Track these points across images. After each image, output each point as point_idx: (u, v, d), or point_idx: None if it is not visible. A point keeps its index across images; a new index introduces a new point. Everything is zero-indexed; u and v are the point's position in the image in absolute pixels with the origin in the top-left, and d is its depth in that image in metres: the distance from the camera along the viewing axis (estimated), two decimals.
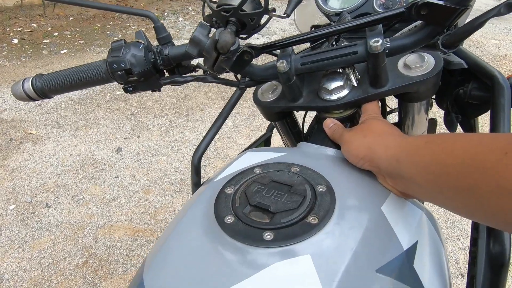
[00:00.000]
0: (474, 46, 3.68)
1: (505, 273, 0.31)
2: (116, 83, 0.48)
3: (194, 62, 0.52)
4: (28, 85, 0.48)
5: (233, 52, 0.38)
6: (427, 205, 1.39)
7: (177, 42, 0.48)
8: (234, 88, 0.52)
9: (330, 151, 0.41)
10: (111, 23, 4.11)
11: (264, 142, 0.69)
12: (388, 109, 0.61)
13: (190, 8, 4.87)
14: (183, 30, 4.06)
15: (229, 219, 0.31)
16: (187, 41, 0.40)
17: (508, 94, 0.34)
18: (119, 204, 1.74)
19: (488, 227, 0.31)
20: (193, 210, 0.35)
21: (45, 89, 0.48)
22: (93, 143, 2.16)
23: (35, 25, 3.69)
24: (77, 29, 3.79)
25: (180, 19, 4.40)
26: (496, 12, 0.31)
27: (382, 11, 0.49)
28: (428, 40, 0.36)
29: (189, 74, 0.49)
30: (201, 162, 0.54)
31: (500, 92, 0.34)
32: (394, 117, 0.59)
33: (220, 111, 0.54)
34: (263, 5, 0.37)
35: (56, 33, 3.65)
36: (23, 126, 2.28)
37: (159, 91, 0.50)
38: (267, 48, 0.42)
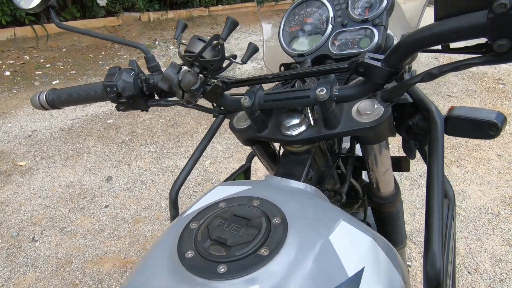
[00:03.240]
0: None
1: None
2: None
3: None
4: (42, 97, 0.59)
5: (196, 90, 0.42)
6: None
7: None
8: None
9: (293, 183, 0.44)
10: (103, 53, 4.21)
11: (243, 172, 0.71)
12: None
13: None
14: (174, 57, 4.18)
15: (190, 254, 0.33)
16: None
17: (441, 127, 0.37)
18: (108, 234, 1.71)
19: (424, 251, 0.32)
20: (160, 245, 0.37)
21: (55, 101, 0.59)
22: (83, 173, 2.15)
23: (27, 57, 3.76)
24: (70, 60, 3.87)
25: (171, 47, 4.54)
26: (420, 78, 0.34)
27: (337, 52, 0.53)
28: (369, 94, 0.40)
29: (173, 99, 0.55)
30: (192, 189, 0.57)
31: (434, 125, 0.38)
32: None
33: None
34: (220, 54, 0.42)
35: (49, 65, 3.72)
36: (12, 158, 2.27)
37: (147, 111, 0.57)
38: (237, 83, 0.46)
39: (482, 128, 0.36)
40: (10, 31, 3.87)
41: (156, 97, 0.56)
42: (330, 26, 0.55)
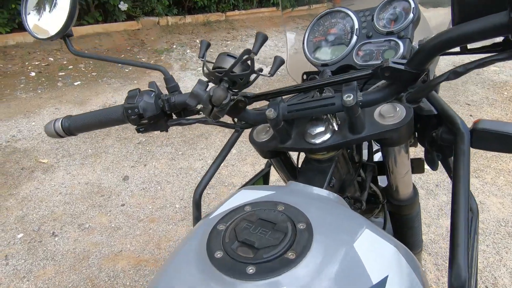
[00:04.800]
0: (474, 73, 3.76)
1: None
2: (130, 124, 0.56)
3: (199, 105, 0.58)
4: (58, 124, 0.57)
5: (226, 105, 0.44)
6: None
7: (184, 73, 0.55)
8: None
9: (316, 190, 0.45)
10: (122, 55, 4.34)
11: (263, 177, 0.72)
12: (375, 148, 0.65)
13: (197, 40, 5.12)
14: (191, 61, 4.26)
15: (219, 254, 0.35)
16: (193, 72, 0.46)
17: (467, 140, 0.38)
18: (124, 232, 1.76)
19: (449, 263, 0.33)
20: (189, 245, 0.39)
21: (71, 128, 0.58)
22: (101, 172, 2.22)
23: (52, 59, 3.92)
24: (91, 62, 4.00)
25: (188, 51, 4.63)
26: (445, 77, 0.36)
27: (361, 63, 0.54)
28: (394, 96, 0.41)
29: (193, 117, 0.56)
30: (205, 191, 0.58)
31: (460, 138, 0.38)
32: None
33: (223, 145, 0.59)
34: (250, 67, 0.43)
35: (71, 66, 3.86)
36: (35, 155, 2.37)
37: (167, 131, 0.58)
38: (259, 97, 0.48)
39: (509, 142, 0.37)
40: None
41: (175, 116, 0.56)
42: (355, 37, 0.56)
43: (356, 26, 0.56)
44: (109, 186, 2.09)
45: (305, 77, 0.64)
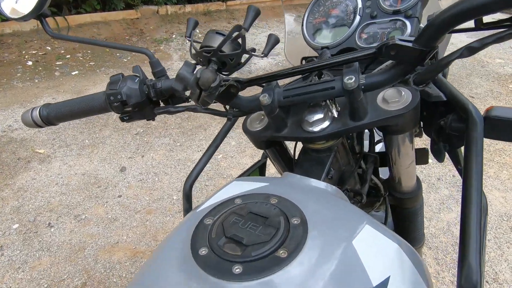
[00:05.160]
0: (478, 65, 3.69)
1: None
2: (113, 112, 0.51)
3: (188, 92, 0.54)
4: (36, 113, 0.53)
5: (215, 88, 0.40)
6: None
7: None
8: None
9: (313, 182, 0.41)
10: None
11: (259, 168, 0.69)
12: (377, 139, 0.61)
13: (197, 30, 5.04)
14: None
15: (204, 251, 0.32)
16: (192, 62, 0.42)
17: (480, 128, 0.34)
18: (120, 224, 1.74)
19: (458, 262, 0.30)
20: (173, 241, 0.36)
21: (50, 117, 0.53)
22: (98, 162, 2.19)
23: (49, 48, 3.86)
24: (89, 52, 3.94)
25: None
26: (458, 54, 0.32)
27: (364, 45, 0.50)
28: (400, 78, 0.37)
29: (182, 104, 0.52)
30: (204, 183, 0.55)
31: (473, 126, 0.34)
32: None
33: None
34: (241, 47, 0.39)
35: (69, 55, 3.81)
36: (32, 145, 2.34)
37: (154, 120, 0.53)
38: (252, 82, 0.44)
39: None
40: (33, 22, 3.98)
41: (162, 104, 0.53)
42: (358, 18, 0.52)
43: (360, 5, 0.52)
44: (106, 177, 2.06)
45: (303, 62, 0.60)
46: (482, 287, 0.36)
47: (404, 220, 0.67)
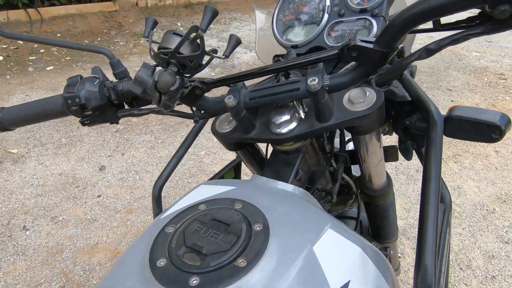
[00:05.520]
0: (456, 58, 3.79)
1: None
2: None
3: None
4: None
5: (175, 91, 0.38)
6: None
7: None
8: None
9: (280, 184, 0.41)
10: (99, 39, 4.12)
11: (233, 169, 0.68)
12: (348, 137, 0.61)
13: (178, 23, 4.93)
14: None
15: (162, 262, 0.31)
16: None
17: (440, 129, 0.35)
18: (100, 224, 1.70)
19: (415, 263, 0.31)
20: (133, 251, 0.35)
21: (4, 122, 0.50)
22: (75, 162, 2.12)
23: (21, 42, 3.67)
24: None
25: None
26: (417, 56, 0.32)
27: (333, 44, 0.50)
28: (363, 79, 0.37)
29: (146, 107, 0.50)
30: (186, 180, 0.54)
31: (433, 127, 0.35)
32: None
33: (206, 133, 0.54)
34: (200, 48, 0.38)
35: (43, 50, 3.64)
36: (4, 145, 2.24)
37: (117, 123, 0.51)
38: (219, 83, 0.43)
39: (484, 130, 0.34)
40: (3, 15, 3.78)
41: (126, 106, 0.51)
42: (326, 16, 0.51)
43: (328, 3, 0.51)
44: (84, 177, 2.00)
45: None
46: (442, 286, 0.37)
47: (377, 217, 0.68)
